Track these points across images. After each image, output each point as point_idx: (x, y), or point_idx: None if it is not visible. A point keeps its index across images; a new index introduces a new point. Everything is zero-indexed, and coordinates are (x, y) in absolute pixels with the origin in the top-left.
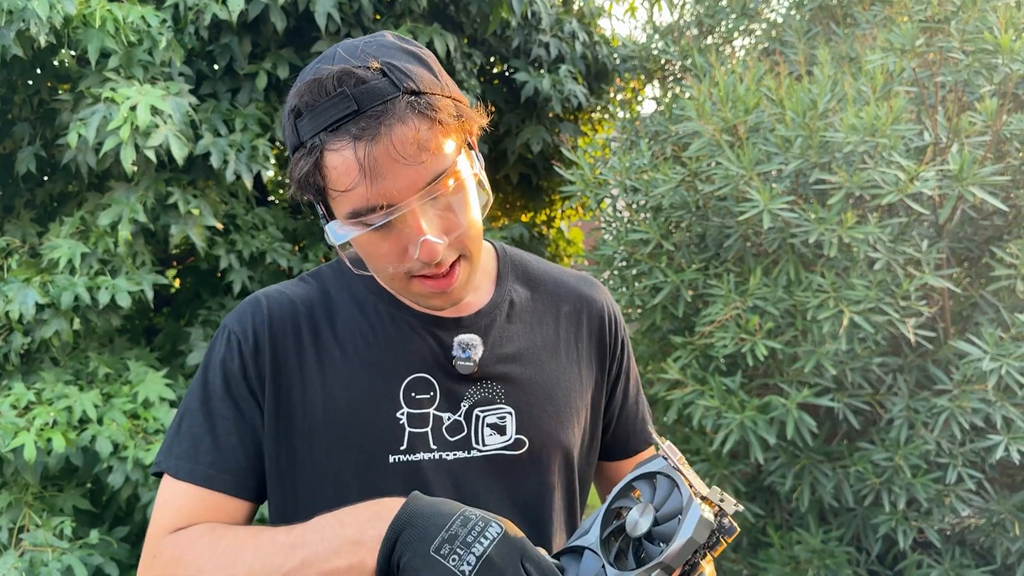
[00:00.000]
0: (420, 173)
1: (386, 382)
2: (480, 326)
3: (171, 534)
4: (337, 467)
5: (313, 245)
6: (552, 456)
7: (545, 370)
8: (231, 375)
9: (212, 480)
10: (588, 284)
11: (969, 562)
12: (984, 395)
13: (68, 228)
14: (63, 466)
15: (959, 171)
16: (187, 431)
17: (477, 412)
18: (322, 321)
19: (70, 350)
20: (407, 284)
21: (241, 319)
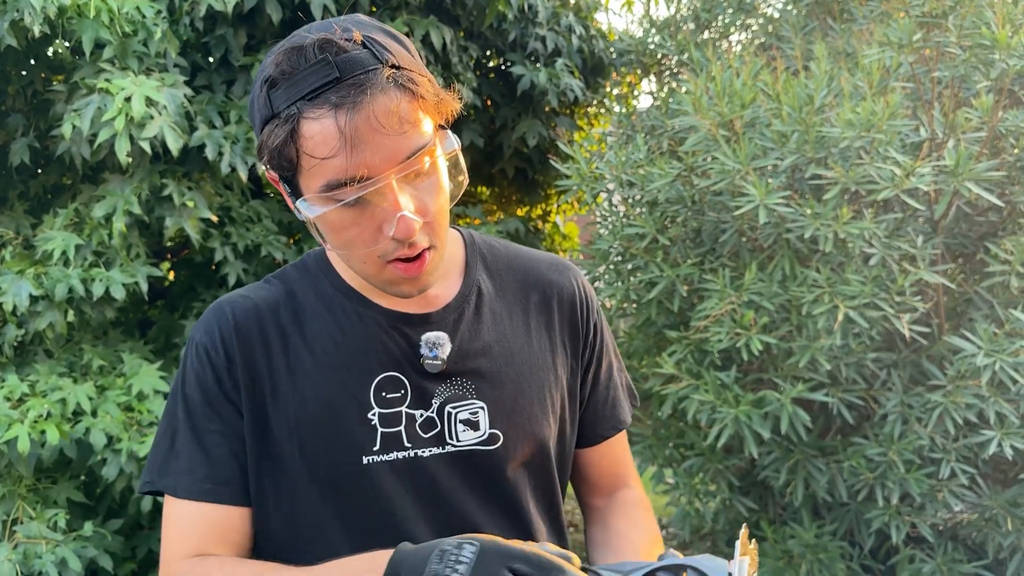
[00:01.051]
0: (400, 146)
1: (355, 383)
2: (448, 321)
3: (191, 560)
4: (313, 471)
5: (308, 239)
6: (527, 449)
7: (516, 363)
8: (207, 388)
9: (210, 494)
10: (559, 269)
11: (961, 557)
12: (978, 391)
13: (62, 220)
14: (57, 458)
15: (955, 167)
16: (176, 448)
17: (449, 408)
18: (289, 324)
19: (64, 342)
20: (380, 269)
21: (208, 330)
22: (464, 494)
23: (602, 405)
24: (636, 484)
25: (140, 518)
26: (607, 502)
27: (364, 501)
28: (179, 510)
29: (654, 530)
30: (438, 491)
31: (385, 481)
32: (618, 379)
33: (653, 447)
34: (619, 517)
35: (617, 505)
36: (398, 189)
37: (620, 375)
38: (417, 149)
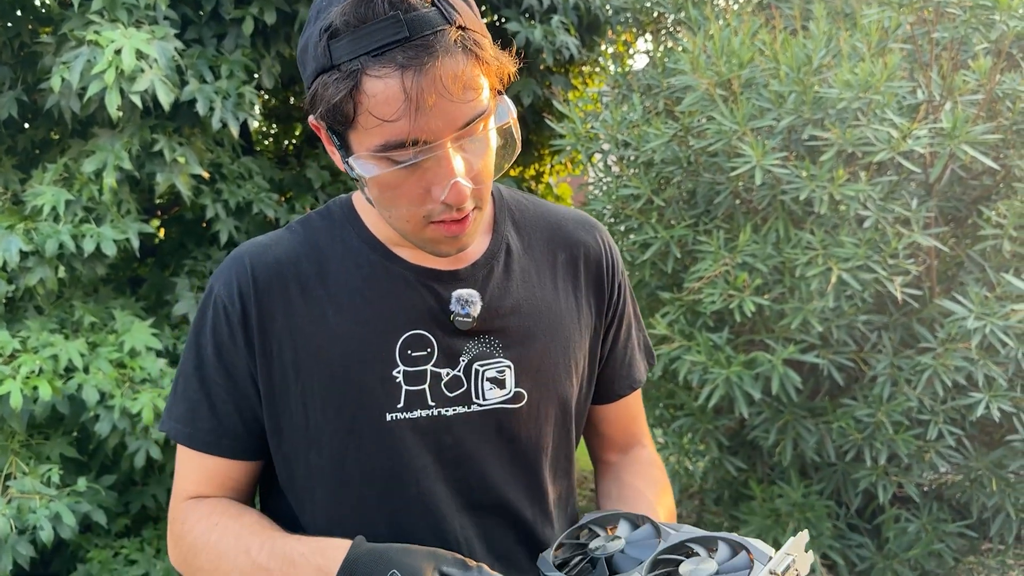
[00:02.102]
0: (461, 111)
1: (381, 340)
2: (477, 278)
3: (187, 502)
4: (334, 428)
5: (300, 196)
6: (550, 408)
7: (543, 321)
8: (221, 343)
9: (212, 446)
10: (586, 227)
11: (946, 517)
12: (967, 353)
13: (51, 175)
14: (49, 414)
15: (952, 129)
16: (183, 394)
17: (476, 366)
18: (311, 277)
19: (55, 299)
20: (422, 228)
21: (227, 282)
22: (485, 453)
23: (620, 364)
24: (649, 443)
25: (133, 474)
26: (620, 458)
27: (385, 458)
28: (185, 454)
29: (667, 488)
30: (460, 450)
31: (407, 439)
32: (636, 338)
33: (644, 407)
34: (633, 474)
35: (631, 462)
36: (453, 154)
37: (639, 334)
38: (477, 115)
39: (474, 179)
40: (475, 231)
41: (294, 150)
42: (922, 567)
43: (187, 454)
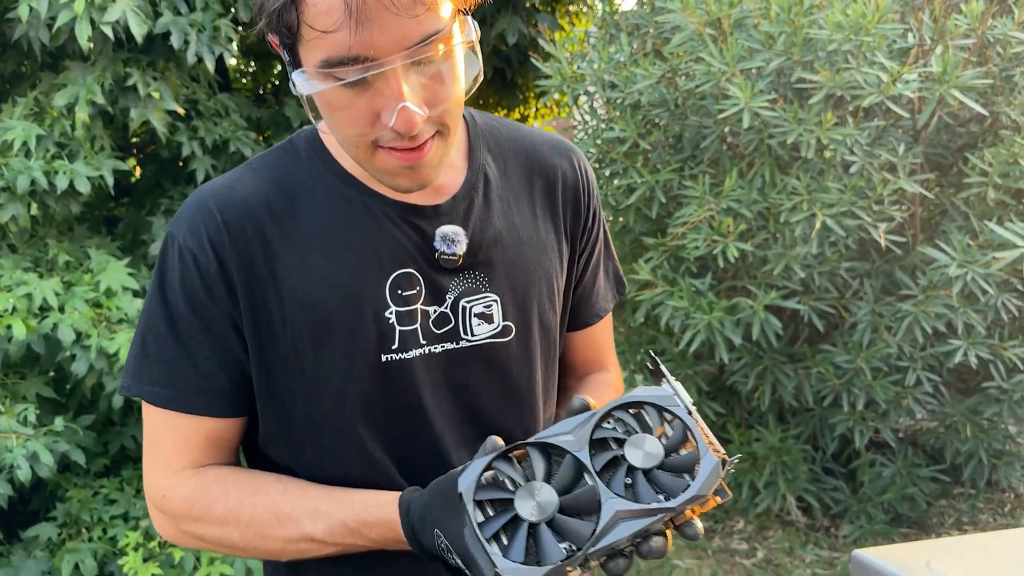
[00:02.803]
0: (412, 29)
1: (371, 281)
2: (459, 212)
3: (182, 476)
4: (328, 373)
5: (278, 135)
6: (538, 339)
7: (525, 251)
8: (195, 297)
9: (199, 407)
10: (561, 151)
11: (920, 462)
12: (948, 301)
13: (22, 109)
14: (24, 353)
15: (942, 73)
16: (157, 355)
17: (463, 303)
18: (286, 217)
19: (28, 237)
20: (372, 155)
21: (193, 230)
22: (479, 388)
23: (590, 292)
24: (614, 369)
25: (112, 414)
26: (578, 382)
27: (383, 399)
28: (164, 419)
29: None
30: (453, 385)
31: (404, 378)
32: (606, 265)
33: (625, 352)
34: (586, 392)
35: (588, 383)
36: (403, 76)
37: (608, 262)
38: (430, 35)
39: (430, 104)
40: (438, 162)
41: (272, 88)
42: (895, 510)
43: (168, 418)
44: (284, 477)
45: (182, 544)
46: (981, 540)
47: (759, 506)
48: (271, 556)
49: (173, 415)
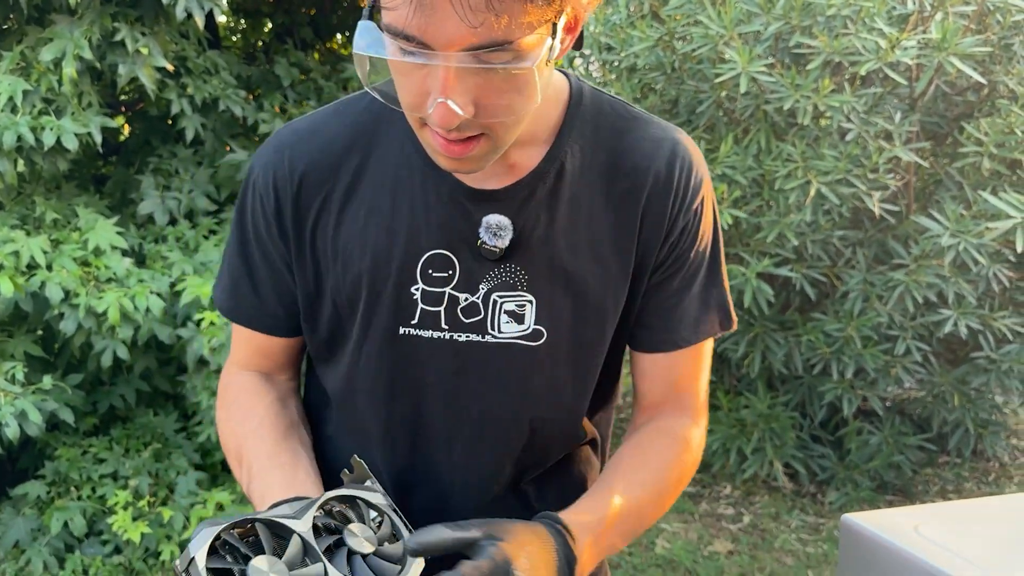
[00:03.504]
0: (472, 33)
1: (405, 254)
2: (515, 201)
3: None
4: (354, 331)
5: (268, 94)
6: (568, 351)
7: (578, 259)
8: (257, 229)
9: (254, 322)
10: (665, 153)
11: (907, 430)
12: (940, 271)
13: (7, 64)
14: (12, 311)
15: (941, 40)
16: (228, 269)
17: (495, 297)
18: (352, 174)
19: (15, 194)
20: (420, 128)
21: (265, 171)
22: (491, 387)
23: (667, 315)
24: (692, 415)
25: (101, 374)
26: (645, 424)
27: (389, 371)
28: (234, 325)
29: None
30: (466, 379)
31: (415, 355)
32: (704, 293)
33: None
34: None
35: (644, 432)
36: (457, 73)
37: (710, 290)
38: (496, 43)
39: (481, 110)
40: (483, 158)
41: (263, 46)
42: (881, 477)
43: (234, 325)
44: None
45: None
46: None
47: (746, 472)
48: None
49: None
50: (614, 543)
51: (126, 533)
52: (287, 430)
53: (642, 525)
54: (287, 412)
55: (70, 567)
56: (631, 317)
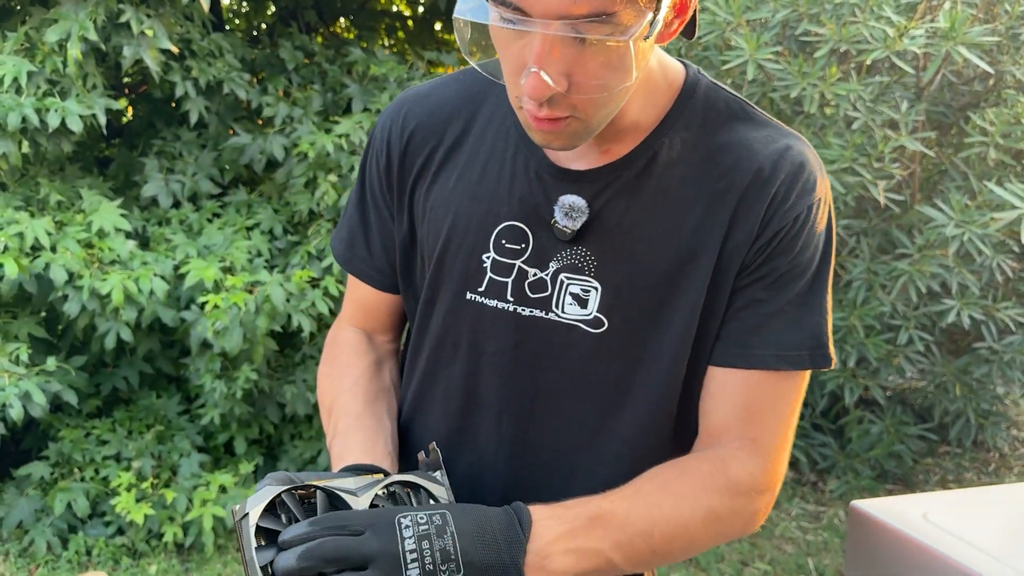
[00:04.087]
0: (572, 3)
1: (482, 221)
2: (596, 185)
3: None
4: (428, 291)
5: (272, 77)
6: (627, 345)
7: (653, 252)
8: (373, 183)
9: (365, 275)
10: (776, 156)
11: (908, 420)
12: (944, 261)
13: (12, 44)
14: (16, 293)
15: (949, 29)
16: (348, 219)
17: (563, 277)
18: (456, 137)
19: (19, 176)
20: (517, 108)
21: (383, 129)
22: (548, 367)
23: (744, 326)
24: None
25: (104, 355)
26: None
27: (456, 334)
28: (350, 276)
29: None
30: (524, 353)
31: (478, 322)
32: (793, 315)
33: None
34: (670, 464)
35: (691, 455)
36: (553, 43)
37: (803, 315)
38: (596, 14)
39: (573, 84)
40: (573, 136)
41: (267, 29)
42: (881, 467)
43: (348, 277)
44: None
45: None
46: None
47: None
48: None
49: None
50: (601, 549)
51: (129, 514)
52: (377, 394)
53: (650, 548)
54: (380, 377)
55: (73, 548)
56: (711, 325)
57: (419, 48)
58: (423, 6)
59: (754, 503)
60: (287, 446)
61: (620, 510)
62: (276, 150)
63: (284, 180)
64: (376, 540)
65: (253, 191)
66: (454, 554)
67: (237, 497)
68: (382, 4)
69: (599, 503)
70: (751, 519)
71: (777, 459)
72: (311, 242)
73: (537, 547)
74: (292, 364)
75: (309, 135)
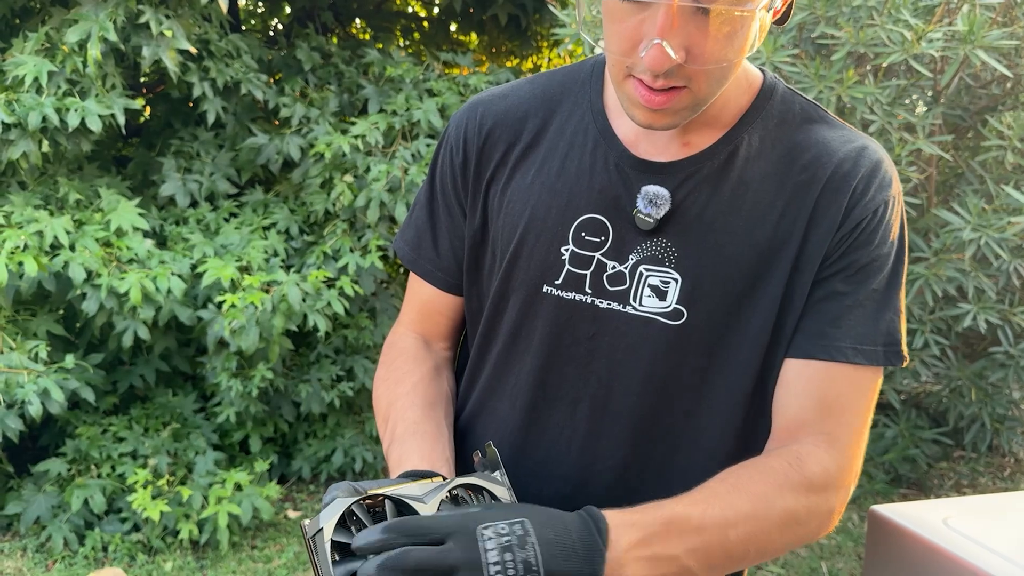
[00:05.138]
0: None
1: (561, 214)
2: (678, 176)
3: (400, 335)
4: (501, 284)
5: (289, 78)
6: (711, 341)
7: (734, 244)
8: (445, 182)
9: (430, 276)
10: (855, 153)
11: (923, 424)
12: (960, 264)
13: (32, 44)
14: (35, 291)
15: (968, 33)
16: (415, 220)
17: (642, 269)
18: (532, 135)
19: (39, 175)
20: (623, 79)
21: (459, 125)
22: (622, 360)
23: (825, 317)
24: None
25: (121, 353)
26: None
27: (530, 327)
28: (412, 276)
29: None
30: (599, 345)
31: (554, 315)
32: (873, 311)
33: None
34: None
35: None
36: (677, 15)
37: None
38: None
39: (691, 55)
40: (681, 111)
41: (283, 30)
42: (895, 470)
43: (412, 277)
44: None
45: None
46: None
47: None
48: None
49: (413, 275)
50: (676, 556)
51: (145, 511)
52: (435, 401)
53: (726, 553)
54: (439, 383)
55: (90, 544)
56: (788, 319)
57: (435, 49)
58: (439, 7)
59: (829, 501)
60: (301, 444)
61: (694, 514)
62: (292, 150)
63: (300, 180)
64: (459, 550)
65: (269, 191)
66: (536, 565)
67: (252, 495)
68: (398, 5)
69: (672, 507)
70: (826, 519)
71: (853, 456)
72: (327, 242)
73: (613, 555)
74: (307, 363)
75: (325, 136)
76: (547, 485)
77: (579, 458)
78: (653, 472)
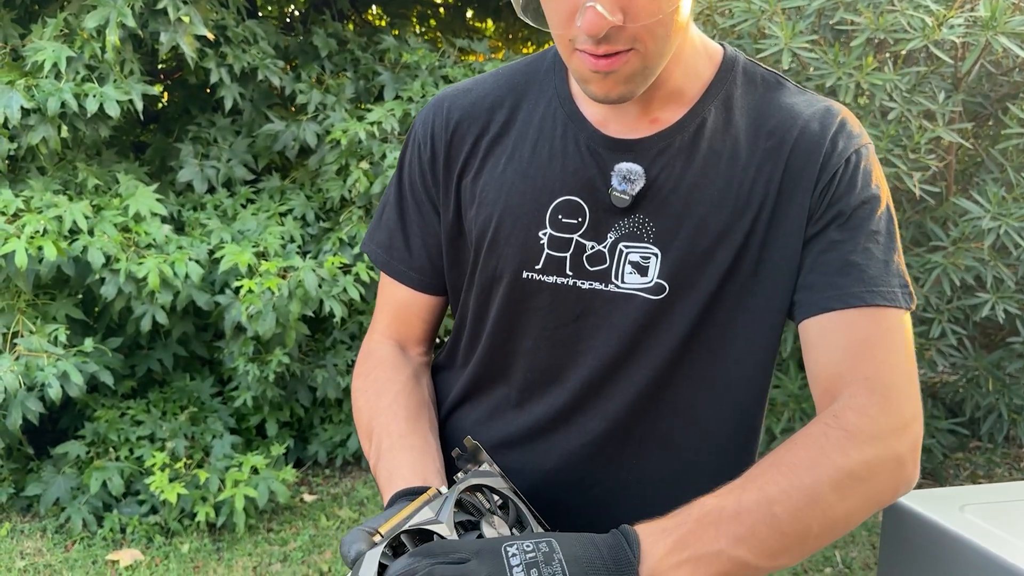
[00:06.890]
0: None
1: (536, 200)
2: (650, 152)
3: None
4: (480, 278)
5: (306, 65)
6: (692, 311)
7: (710, 213)
8: (414, 179)
9: (403, 276)
10: (820, 114)
11: (939, 414)
12: (979, 253)
13: (51, 30)
14: (54, 275)
15: (990, 18)
16: (385, 221)
17: (622, 246)
18: (501, 125)
19: (58, 160)
20: (570, 56)
21: (425, 122)
22: (607, 338)
23: (830, 269)
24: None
25: (139, 338)
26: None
27: (514, 313)
28: (383, 279)
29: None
30: (583, 326)
31: (536, 299)
32: (881, 255)
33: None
34: (777, 449)
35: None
36: None
37: (890, 254)
38: None
39: (628, 13)
40: (633, 76)
41: (300, 17)
42: None
43: (384, 280)
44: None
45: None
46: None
47: None
48: None
49: (385, 277)
50: (720, 550)
51: (163, 494)
52: (419, 411)
53: (779, 532)
54: (419, 391)
55: (108, 525)
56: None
57: (451, 36)
58: None
59: (891, 448)
60: (317, 429)
61: (729, 502)
62: (309, 137)
63: (316, 167)
64: (484, 567)
65: (286, 177)
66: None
67: (268, 478)
68: None
69: (703, 502)
70: (896, 468)
71: (902, 395)
72: (343, 229)
73: (648, 567)
74: (323, 348)
75: (341, 122)
76: (542, 467)
77: (576, 435)
78: (642, 445)
